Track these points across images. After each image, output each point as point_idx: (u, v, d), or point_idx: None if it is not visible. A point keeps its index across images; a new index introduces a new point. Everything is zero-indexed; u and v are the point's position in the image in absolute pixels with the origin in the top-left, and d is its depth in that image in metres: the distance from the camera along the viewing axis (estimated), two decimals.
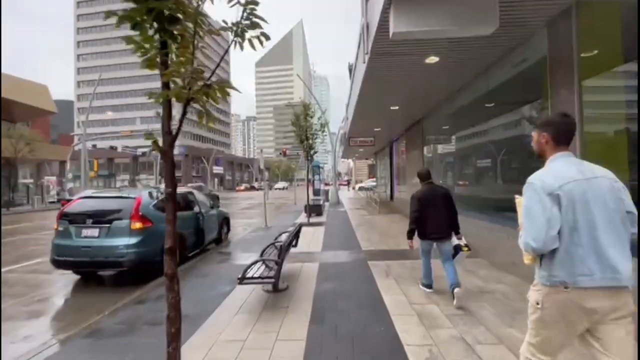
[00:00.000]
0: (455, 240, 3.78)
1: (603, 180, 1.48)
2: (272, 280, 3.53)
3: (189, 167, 55.59)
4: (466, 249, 3.68)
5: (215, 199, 22.96)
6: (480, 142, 6.68)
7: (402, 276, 4.79)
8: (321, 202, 13.71)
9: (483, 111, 6.26)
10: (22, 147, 21.62)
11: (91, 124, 65.43)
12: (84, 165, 28.80)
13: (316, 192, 20.60)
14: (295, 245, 5.36)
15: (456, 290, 3.51)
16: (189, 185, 20.83)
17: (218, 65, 1.76)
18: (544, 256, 1.50)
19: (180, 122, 1.66)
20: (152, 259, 5.18)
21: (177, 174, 56.82)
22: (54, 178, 26.68)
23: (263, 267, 3.89)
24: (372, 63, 5.34)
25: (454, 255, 3.54)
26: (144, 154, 46.65)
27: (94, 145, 43.12)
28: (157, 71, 1.60)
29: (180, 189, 6.86)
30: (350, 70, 11.75)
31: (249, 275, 3.57)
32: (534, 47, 4.42)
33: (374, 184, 25.78)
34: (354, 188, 43.13)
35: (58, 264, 5.06)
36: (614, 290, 1.40)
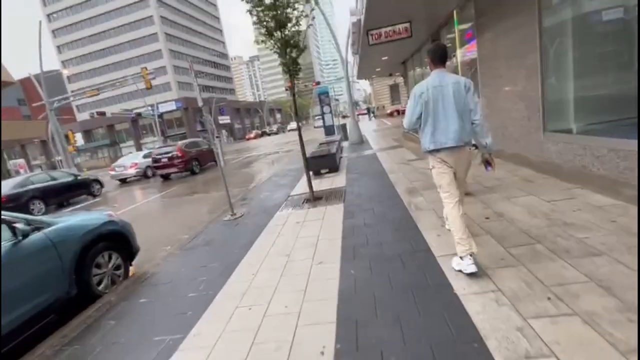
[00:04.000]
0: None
1: (452, 86, 2.44)
2: None
3: (192, 122, 50.71)
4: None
5: (210, 154, 18.02)
6: None
7: None
8: (335, 148, 8.43)
9: None
10: None
11: (82, 91, 60.60)
12: (59, 141, 24.73)
13: (329, 131, 15.16)
14: None
15: None
16: (181, 142, 15.14)
17: None
18: (421, 135, 2.62)
19: None
20: None
21: (181, 130, 52.46)
22: (22, 161, 22.89)
23: None
24: None
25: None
26: (139, 114, 42.06)
27: (92, 115, 38.88)
28: None
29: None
30: None
31: None
32: None
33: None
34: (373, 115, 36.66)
35: None
36: (455, 149, 2.48)
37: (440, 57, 2.54)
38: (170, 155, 14.54)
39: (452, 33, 9.16)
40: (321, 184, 6.64)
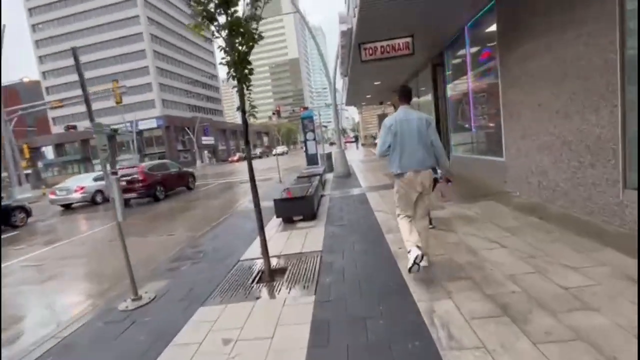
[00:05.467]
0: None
1: (414, 120, 3.01)
2: None
3: (173, 141, 48.44)
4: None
5: (190, 176, 15.91)
6: None
7: None
8: (315, 187, 6.53)
9: None
10: None
11: (63, 103, 57.64)
12: (11, 155, 22.14)
13: (311, 160, 13.36)
14: None
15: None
16: (146, 164, 13.42)
17: None
18: (389, 160, 3.11)
19: None
20: None
21: (160, 150, 49.89)
22: None
23: None
24: None
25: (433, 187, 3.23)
26: (115, 131, 39.60)
27: (70, 128, 36.14)
28: None
29: None
30: None
31: None
32: None
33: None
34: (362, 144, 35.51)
35: None
36: (418, 171, 2.98)
37: (406, 96, 3.23)
38: (130, 178, 12.33)
39: (457, 57, 7.71)
40: (289, 242, 4.65)
